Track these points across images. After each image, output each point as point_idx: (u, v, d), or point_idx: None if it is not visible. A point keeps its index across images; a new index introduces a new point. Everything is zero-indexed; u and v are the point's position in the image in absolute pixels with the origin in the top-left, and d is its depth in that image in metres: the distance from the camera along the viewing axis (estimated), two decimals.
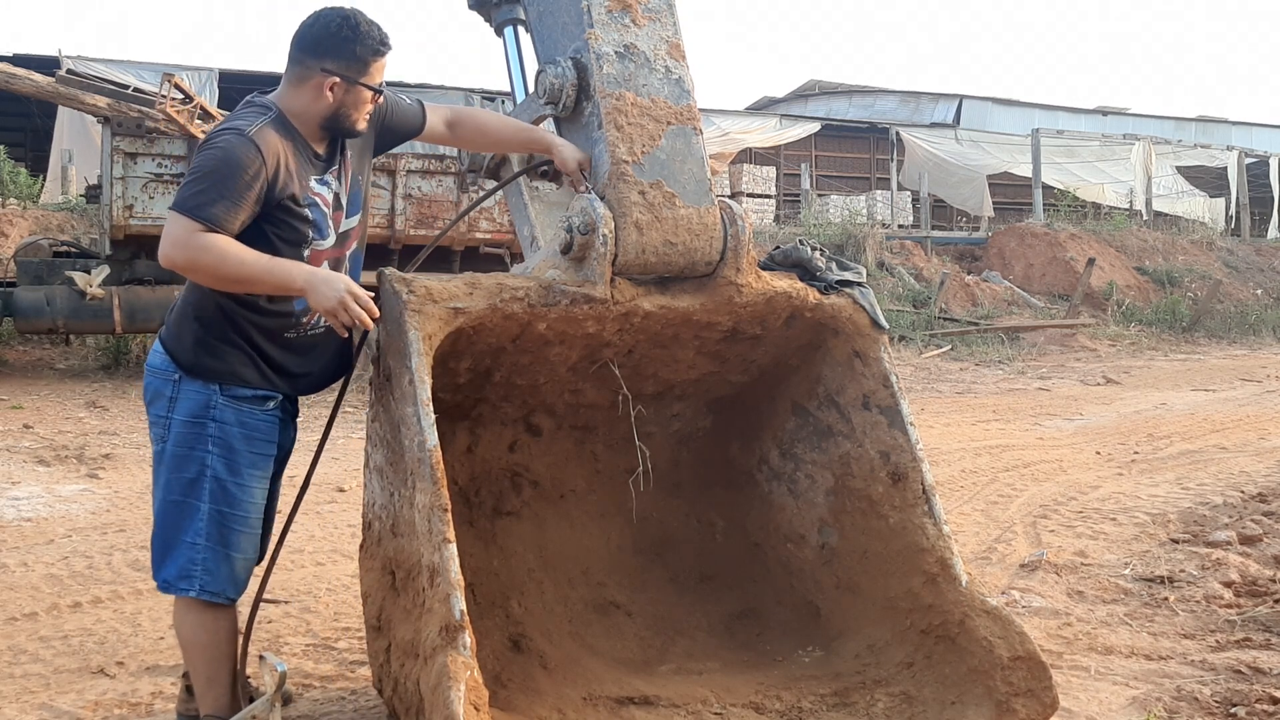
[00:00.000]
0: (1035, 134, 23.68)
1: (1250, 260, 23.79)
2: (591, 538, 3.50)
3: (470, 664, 2.40)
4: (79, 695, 3.38)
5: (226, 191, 2.64)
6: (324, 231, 2.90)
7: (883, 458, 3.18)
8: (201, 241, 2.61)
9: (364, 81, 2.82)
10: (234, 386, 2.84)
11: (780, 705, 2.95)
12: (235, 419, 2.83)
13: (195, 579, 2.81)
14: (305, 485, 2.97)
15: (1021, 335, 16.80)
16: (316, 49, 2.79)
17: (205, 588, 2.82)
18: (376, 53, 2.82)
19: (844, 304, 3.19)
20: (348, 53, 2.78)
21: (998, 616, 2.91)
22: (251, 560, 2.93)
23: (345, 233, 2.98)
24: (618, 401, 3.20)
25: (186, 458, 2.82)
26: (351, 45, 2.77)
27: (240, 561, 2.88)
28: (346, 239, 3.00)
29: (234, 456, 2.83)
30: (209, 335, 2.83)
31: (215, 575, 2.82)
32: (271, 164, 2.71)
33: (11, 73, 10.95)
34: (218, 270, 2.65)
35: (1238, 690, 3.43)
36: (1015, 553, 5.21)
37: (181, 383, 2.84)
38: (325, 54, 2.78)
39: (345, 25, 2.78)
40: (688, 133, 2.97)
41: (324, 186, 2.89)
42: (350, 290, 2.68)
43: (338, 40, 2.77)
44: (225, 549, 2.83)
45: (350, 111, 2.85)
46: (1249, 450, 8.15)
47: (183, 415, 2.83)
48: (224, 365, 2.82)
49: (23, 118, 18.87)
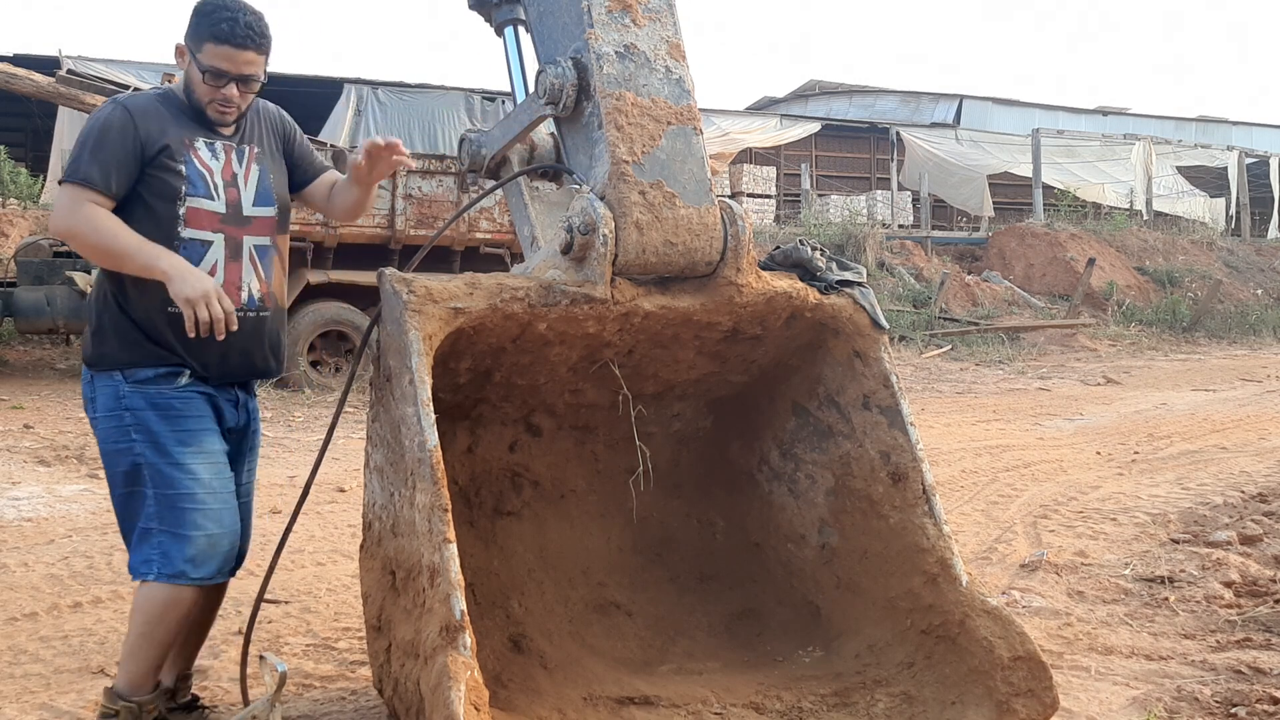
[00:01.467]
0: (1035, 134, 23.69)
1: (1250, 260, 23.80)
2: (592, 538, 3.50)
3: (470, 664, 2.39)
4: (79, 695, 3.38)
5: (99, 152, 2.76)
6: (205, 191, 2.89)
7: (883, 458, 3.18)
8: (82, 211, 2.73)
9: (198, 58, 2.83)
10: (134, 370, 2.84)
11: (780, 705, 2.95)
12: (145, 403, 2.83)
13: (153, 563, 2.82)
14: (308, 486, 2.96)
15: (1022, 335, 16.80)
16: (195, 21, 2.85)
17: (162, 570, 2.81)
18: (214, 37, 2.80)
19: (844, 304, 3.18)
20: (194, 24, 2.83)
21: (998, 616, 2.91)
22: (219, 535, 2.86)
23: (247, 216, 2.97)
24: (618, 401, 3.20)
25: (117, 452, 2.86)
26: (200, 18, 2.82)
27: (201, 540, 2.82)
28: (246, 221, 2.97)
29: (158, 439, 2.82)
30: (103, 325, 2.88)
31: (170, 558, 2.80)
32: (143, 123, 2.81)
33: (12, 73, 10.96)
34: (91, 240, 2.76)
35: (1238, 690, 3.43)
36: (1015, 553, 5.21)
37: (94, 381, 2.90)
38: (187, 24, 2.86)
39: (211, 3, 2.83)
40: (688, 133, 2.97)
41: (210, 151, 2.92)
42: (214, 291, 2.71)
43: (197, 10, 2.83)
44: (179, 529, 2.80)
45: (194, 87, 2.87)
46: (1249, 450, 8.15)
47: (102, 412, 2.87)
48: (119, 352, 2.85)
49: (23, 118, 18.88)
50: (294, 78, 20.29)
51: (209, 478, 2.85)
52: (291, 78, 20.28)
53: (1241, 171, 26.64)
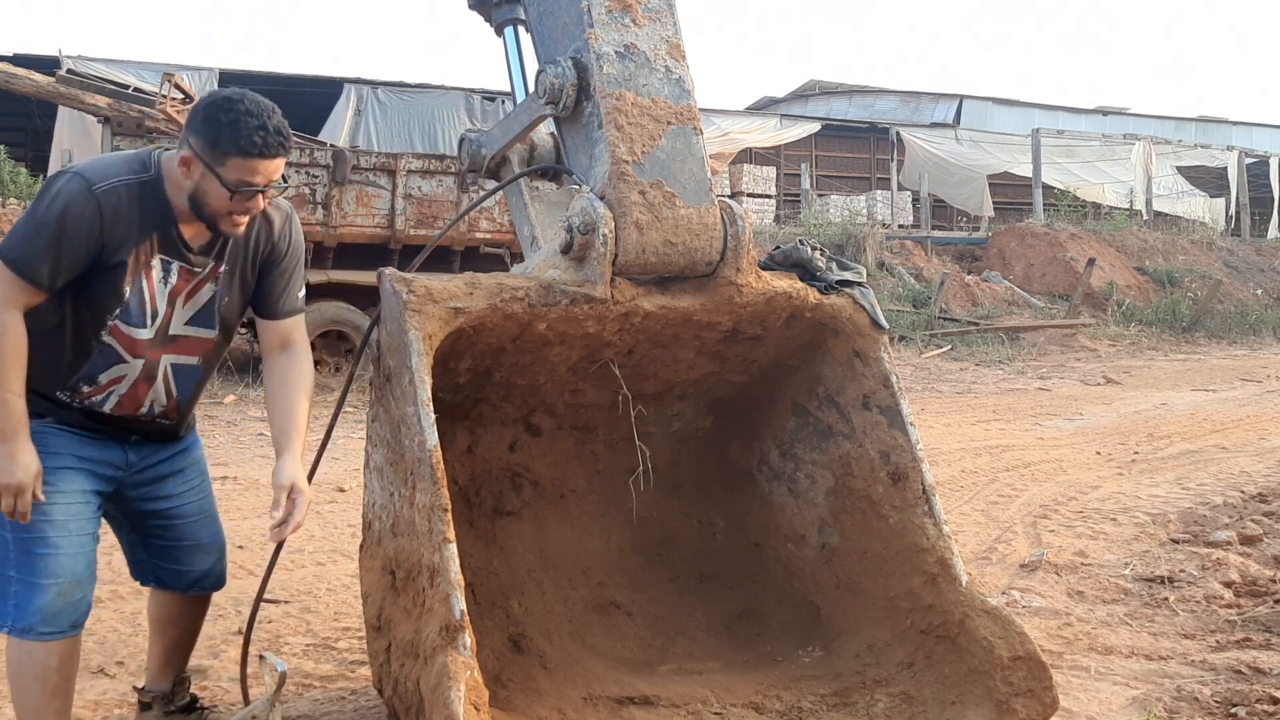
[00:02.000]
0: (1035, 134, 23.68)
1: (1250, 260, 23.79)
2: (591, 538, 3.50)
3: (470, 664, 2.40)
4: (79, 695, 3.37)
5: (56, 245, 2.47)
6: (137, 319, 2.63)
7: (883, 458, 3.18)
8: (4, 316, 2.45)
9: (219, 172, 2.52)
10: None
11: (780, 705, 2.95)
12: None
13: (7, 615, 2.58)
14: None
15: (1022, 335, 16.80)
16: (192, 120, 2.54)
17: (15, 623, 2.57)
18: (241, 150, 2.50)
19: (844, 304, 3.18)
20: (211, 135, 2.50)
21: (998, 616, 2.91)
22: (69, 585, 2.58)
23: (173, 335, 2.70)
24: (618, 401, 3.20)
25: None
26: (219, 128, 2.49)
27: (52, 589, 2.55)
28: (171, 340, 2.70)
29: None
30: None
31: (23, 609, 2.55)
32: (111, 226, 2.51)
33: (12, 73, 10.96)
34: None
35: (1238, 690, 3.43)
36: (1015, 553, 5.21)
37: None
38: (192, 127, 2.53)
39: (226, 107, 2.51)
40: (688, 133, 2.97)
41: (164, 271, 2.64)
42: (21, 485, 2.45)
43: (211, 118, 2.51)
44: (33, 577, 2.55)
45: (207, 200, 2.56)
46: (1249, 450, 8.15)
47: None
48: None
49: (23, 118, 18.87)
50: (294, 78, 20.32)
51: (64, 519, 2.59)
52: (291, 78, 20.31)
53: (1241, 171, 26.63)
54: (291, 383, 2.82)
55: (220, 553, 2.99)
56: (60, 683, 2.62)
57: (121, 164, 2.61)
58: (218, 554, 2.97)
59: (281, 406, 2.79)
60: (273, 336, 2.85)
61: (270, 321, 2.85)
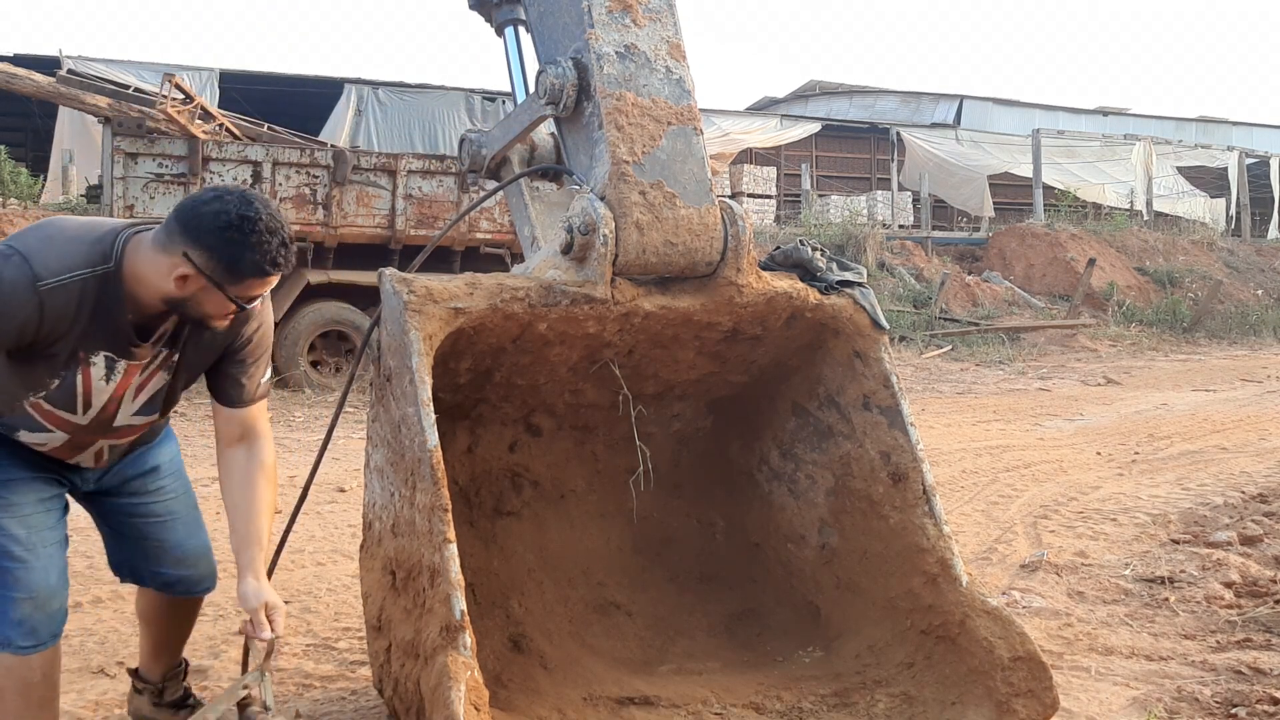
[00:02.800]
0: (1036, 134, 23.68)
1: (1251, 260, 23.80)
2: (592, 538, 3.50)
3: (470, 664, 2.40)
4: (79, 695, 3.38)
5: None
6: (65, 404, 2.47)
7: (883, 458, 3.18)
8: None
9: (231, 291, 2.36)
10: None
11: (780, 705, 2.95)
12: None
13: None
14: (307, 486, 2.96)
15: (1022, 335, 16.80)
16: (191, 229, 2.29)
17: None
18: (260, 273, 2.34)
19: (844, 304, 3.18)
20: (229, 257, 2.30)
21: (998, 617, 2.91)
22: (45, 596, 2.50)
23: (116, 427, 2.56)
24: (618, 401, 3.20)
25: None
26: (239, 251, 2.30)
27: (26, 604, 2.47)
28: (116, 431, 2.57)
29: None
30: None
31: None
32: (49, 324, 2.31)
33: (12, 73, 10.96)
34: None
35: (1238, 691, 3.42)
36: (1016, 553, 5.21)
37: None
38: (197, 240, 2.29)
39: (239, 227, 2.29)
40: (688, 133, 2.97)
41: (107, 369, 2.45)
42: None
43: (220, 236, 2.29)
44: (5, 591, 2.47)
45: (202, 308, 2.40)
46: (1249, 451, 8.15)
47: None
48: None
49: (23, 118, 18.87)
50: (294, 78, 20.31)
51: (24, 534, 2.49)
52: (291, 78, 20.31)
53: (1242, 172, 26.63)
54: (252, 484, 2.61)
55: (197, 559, 2.84)
56: (45, 694, 2.55)
57: (81, 253, 2.33)
58: (193, 560, 2.84)
59: (242, 513, 2.59)
60: (232, 427, 2.62)
61: (230, 409, 2.62)
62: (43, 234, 2.37)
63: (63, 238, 2.35)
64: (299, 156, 10.50)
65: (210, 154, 10.09)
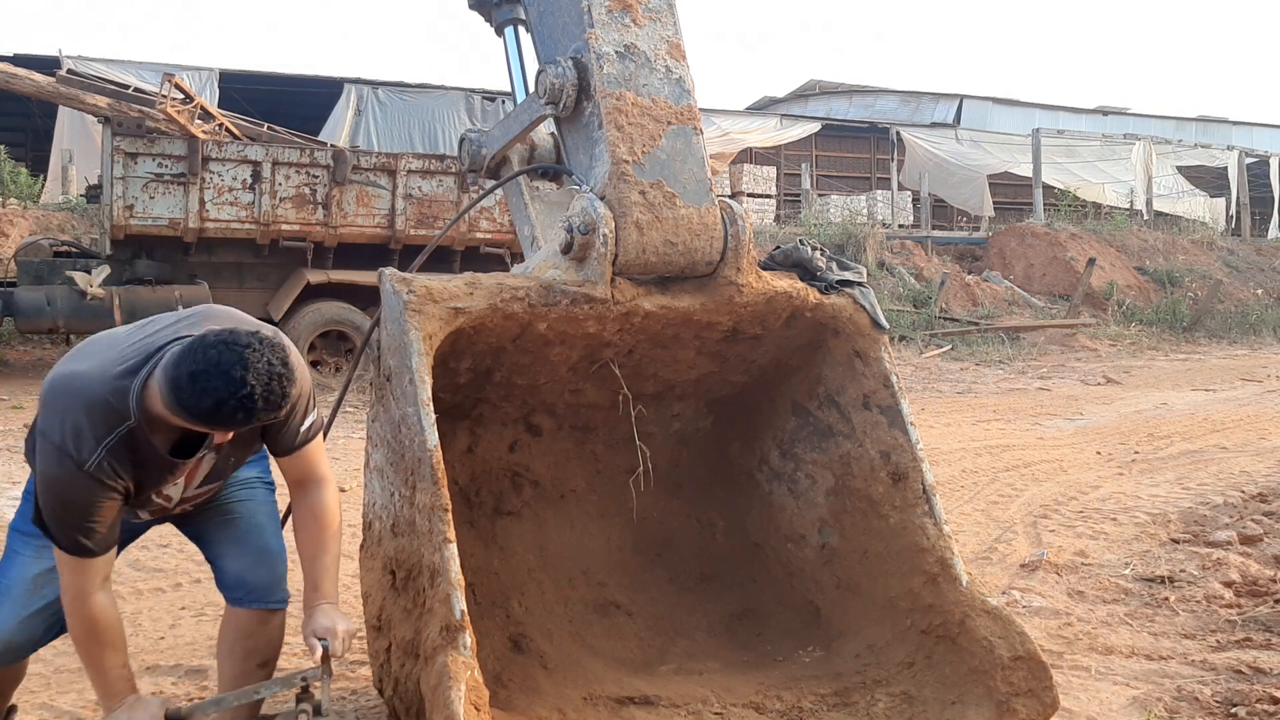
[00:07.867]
0: (1035, 134, 23.68)
1: (1251, 260, 23.79)
2: (592, 538, 3.50)
3: (470, 664, 2.40)
4: (79, 695, 3.38)
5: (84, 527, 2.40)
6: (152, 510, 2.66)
7: (883, 458, 3.18)
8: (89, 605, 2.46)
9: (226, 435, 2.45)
10: None
11: (780, 705, 2.95)
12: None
13: None
14: None
15: (1022, 335, 16.80)
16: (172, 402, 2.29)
17: None
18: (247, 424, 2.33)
19: (844, 304, 3.18)
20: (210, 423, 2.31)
21: (998, 616, 2.91)
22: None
23: (185, 498, 2.69)
24: (618, 401, 3.20)
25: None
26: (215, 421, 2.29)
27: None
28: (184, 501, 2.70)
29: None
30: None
31: None
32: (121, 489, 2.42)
33: (12, 73, 10.96)
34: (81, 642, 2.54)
35: (1238, 690, 3.42)
36: (1015, 553, 5.21)
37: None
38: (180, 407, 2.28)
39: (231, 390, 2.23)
40: (688, 133, 2.97)
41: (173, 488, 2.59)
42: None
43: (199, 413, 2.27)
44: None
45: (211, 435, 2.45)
46: (1249, 450, 8.15)
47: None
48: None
49: (23, 118, 18.88)
50: (294, 78, 20.31)
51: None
52: (291, 78, 20.30)
53: (1241, 171, 26.62)
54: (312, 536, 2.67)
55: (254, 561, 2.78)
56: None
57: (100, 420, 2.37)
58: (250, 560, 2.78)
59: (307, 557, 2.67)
60: (289, 471, 2.70)
61: (279, 458, 2.69)
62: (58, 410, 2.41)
63: (76, 408, 2.39)
64: (299, 156, 10.50)
65: (210, 154, 10.09)
